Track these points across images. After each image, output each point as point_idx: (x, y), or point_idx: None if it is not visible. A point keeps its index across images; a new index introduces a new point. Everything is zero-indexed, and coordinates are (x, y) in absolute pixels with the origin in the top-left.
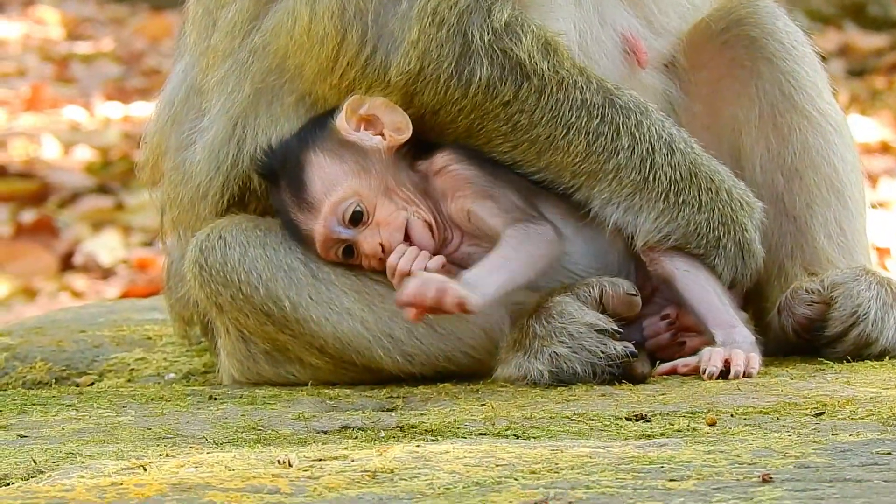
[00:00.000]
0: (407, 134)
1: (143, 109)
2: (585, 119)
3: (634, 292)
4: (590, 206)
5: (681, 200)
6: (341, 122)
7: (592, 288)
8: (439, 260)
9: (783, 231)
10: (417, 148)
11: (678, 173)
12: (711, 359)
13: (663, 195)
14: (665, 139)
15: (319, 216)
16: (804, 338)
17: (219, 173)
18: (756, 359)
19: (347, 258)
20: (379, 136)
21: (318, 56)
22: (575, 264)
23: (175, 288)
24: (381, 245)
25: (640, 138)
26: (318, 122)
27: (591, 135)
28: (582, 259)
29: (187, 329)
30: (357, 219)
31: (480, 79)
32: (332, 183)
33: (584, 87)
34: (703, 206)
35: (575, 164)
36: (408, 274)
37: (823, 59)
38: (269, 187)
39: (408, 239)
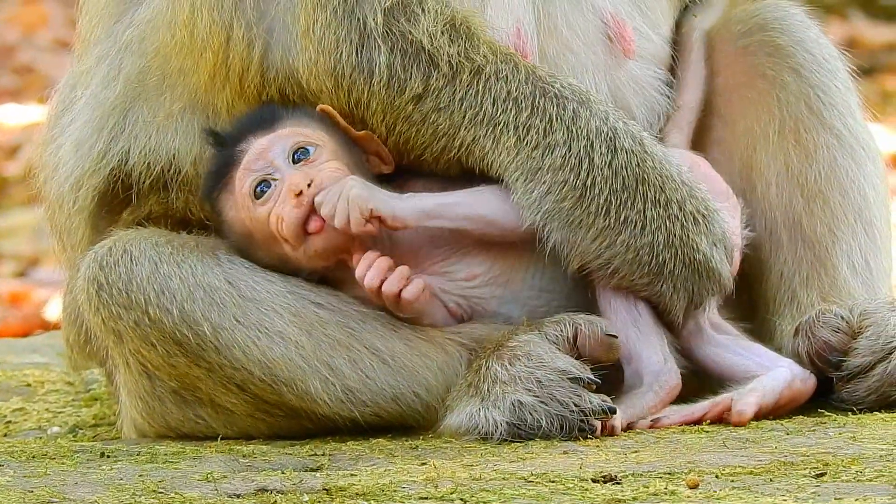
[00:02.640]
0: (389, 167)
1: (15, 115)
2: (514, 113)
3: (614, 333)
4: (534, 225)
5: (622, 218)
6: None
7: (565, 326)
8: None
9: (798, 257)
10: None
11: (620, 180)
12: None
13: (603, 210)
14: (606, 135)
15: (270, 133)
16: (818, 367)
17: (86, 161)
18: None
19: (257, 196)
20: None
21: (207, 60)
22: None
23: (69, 309)
24: (311, 181)
25: (576, 133)
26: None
27: (520, 129)
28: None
29: (78, 360)
30: (302, 157)
31: (380, 68)
32: (302, 123)
33: (510, 77)
34: (647, 225)
35: (510, 164)
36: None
37: (854, 77)
38: (212, 146)
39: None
